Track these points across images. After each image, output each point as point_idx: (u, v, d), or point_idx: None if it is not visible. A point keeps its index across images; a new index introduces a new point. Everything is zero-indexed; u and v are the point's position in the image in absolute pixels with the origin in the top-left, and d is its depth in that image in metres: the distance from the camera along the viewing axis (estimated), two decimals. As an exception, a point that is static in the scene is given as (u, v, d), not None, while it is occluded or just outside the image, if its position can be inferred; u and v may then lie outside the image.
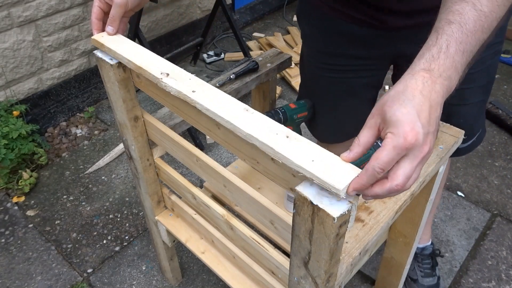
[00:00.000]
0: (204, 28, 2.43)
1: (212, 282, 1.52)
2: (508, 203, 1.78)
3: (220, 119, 0.66)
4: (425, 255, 1.48)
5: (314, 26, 1.13)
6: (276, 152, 0.59)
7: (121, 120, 0.96)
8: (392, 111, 0.55)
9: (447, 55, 0.58)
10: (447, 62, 0.58)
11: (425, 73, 0.57)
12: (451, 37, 0.59)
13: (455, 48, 0.59)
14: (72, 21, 2.02)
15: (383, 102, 0.57)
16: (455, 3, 0.61)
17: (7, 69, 1.89)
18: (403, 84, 0.57)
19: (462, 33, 0.59)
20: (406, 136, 0.53)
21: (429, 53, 0.59)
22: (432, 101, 0.56)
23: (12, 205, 1.78)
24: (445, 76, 0.57)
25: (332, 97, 1.21)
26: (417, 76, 0.57)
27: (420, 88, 0.56)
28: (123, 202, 1.80)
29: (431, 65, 0.58)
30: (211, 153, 2.03)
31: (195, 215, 1.09)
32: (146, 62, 0.78)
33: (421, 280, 1.46)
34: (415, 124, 0.53)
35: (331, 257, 0.63)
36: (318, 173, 0.55)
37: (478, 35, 0.60)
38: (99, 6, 0.84)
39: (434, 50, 0.59)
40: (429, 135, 0.55)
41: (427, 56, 0.59)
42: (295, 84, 2.38)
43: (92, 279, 1.53)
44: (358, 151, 0.57)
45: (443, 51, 0.58)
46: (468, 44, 0.59)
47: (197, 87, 0.71)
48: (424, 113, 0.55)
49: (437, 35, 0.60)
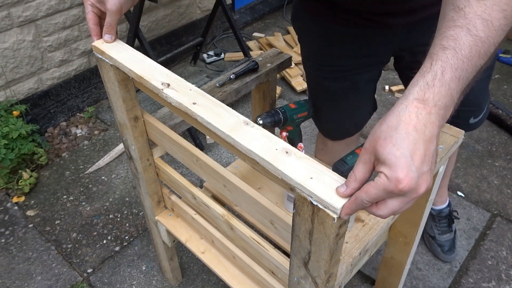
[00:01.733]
0: (204, 28, 2.43)
1: (212, 282, 1.52)
2: (508, 203, 1.78)
3: (220, 133, 0.66)
4: (441, 217, 1.57)
5: (312, 30, 1.14)
6: (276, 169, 0.60)
7: (121, 120, 0.96)
8: (386, 152, 0.53)
9: (442, 82, 0.55)
10: (443, 90, 0.55)
11: (419, 103, 0.54)
12: (446, 63, 0.56)
13: (451, 75, 0.56)
14: (72, 21, 2.02)
15: (375, 138, 0.55)
16: (449, 28, 0.59)
17: (7, 69, 1.89)
18: (396, 117, 0.54)
19: (458, 59, 0.56)
20: (399, 183, 0.52)
21: (424, 81, 0.56)
22: (427, 135, 0.53)
23: (12, 205, 1.78)
24: (440, 105, 0.55)
25: (336, 95, 1.23)
26: (411, 107, 0.54)
27: (414, 122, 0.53)
28: (123, 202, 1.80)
29: (426, 94, 0.55)
30: (211, 153, 2.03)
31: (195, 215, 1.09)
32: (146, 71, 0.78)
33: (438, 237, 1.56)
34: (409, 169, 0.52)
35: (331, 257, 0.63)
36: (317, 191, 0.56)
37: (474, 61, 0.58)
38: (94, 12, 0.84)
39: (428, 77, 0.56)
40: (424, 176, 0.53)
41: (421, 83, 0.56)
42: (295, 84, 2.38)
43: (92, 279, 1.53)
44: (355, 187, 0.56)
45: (438, 78, 0.55)
46: (464, 70, 0.57)
47: (198, 98, 0.72)
48: (418, 153, 0.52)
49: (432, 61, 0.57)
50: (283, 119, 1.14)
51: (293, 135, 1.19)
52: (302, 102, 1.21)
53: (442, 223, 1.56)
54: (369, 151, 0.56)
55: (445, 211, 1.57)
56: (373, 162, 0.56)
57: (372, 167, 0.56)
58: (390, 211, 0.55)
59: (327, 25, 1.09)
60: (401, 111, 0.55)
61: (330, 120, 1.33)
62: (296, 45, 2.69)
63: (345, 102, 1.24)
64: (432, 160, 0.55)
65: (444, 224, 1.56)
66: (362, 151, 0.57)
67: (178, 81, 0.76)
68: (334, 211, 0.55)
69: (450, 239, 1.56)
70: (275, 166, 0.60)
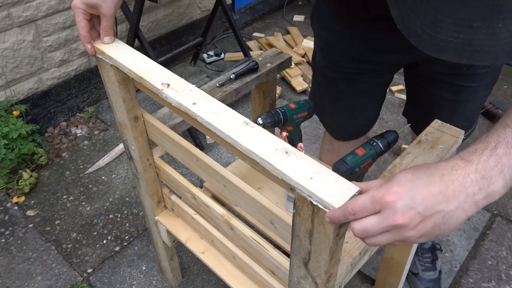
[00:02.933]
0: (204, 28, 2.43)
1: (212, 282, 1.52)
2: (508, 203, 1.78)
3: (220, 133, 0.66)
4: (424, 249, 1.50)
5: (333, 31, 1.12)
6: (276, 169, 0.60)
7: (121, 120, 0.96)
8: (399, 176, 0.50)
9: (492, 152, 0.50)
10: (491, 160, 0.50)
11: (460, 161, 0.49)
12: (503, 138, 0.52)
13: (505, 150, 0.51)
14: (72, 21, 2.02)
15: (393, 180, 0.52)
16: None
17: (7, 69, 1.89)
18: (429, 164, 0.51)
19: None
20: (395, 216, 0.49)
21: (474, 147, 0.52)
22: (449, 191, 0.48)
23: (12, 205, 1.78)
24: (484, 175, 0.49)
25: (347, 97, 1.22)
26: (451, 161, 0.50)
27: (445, 172, 0.48)
28: (123, 202, 1.80)
29: (470, 156, 0.50)
30: (211, 153, 2.03)
31: (195, 215, 1.09)
32: (146, 72, 0.78)
33: (421, 274, 1.47)
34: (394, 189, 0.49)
35: (331, 257, 0.63)
36: (316, 191, 0.56)
37: None
38: (86, 19, 0.82)
39: (479, 145, 0.52)
40: (426, 222, 0.49)
41: (471, 149, 0.52)
42: (295, 84, 2.38)
43: (92, 279, 1.53)
44: (346, 219, 0.53)
45: (489, 148, 0.51)
46: None
47: (198, 99, 0.72)
48: (424, 191, 0.48)
49: (489, 134, 0.54)
50: (283, 119, 1.14)
51: (293, 135, 1.19)
52: (302, 102, 1.21)
53: (425, 258, 1.49)
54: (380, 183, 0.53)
55: (428, 243, 1.50)
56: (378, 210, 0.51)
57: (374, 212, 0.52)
58: (361, 226, 0.52)
59: (351, 26, 1.06)
60: (440, 162, 0.51)
61: (335, 121, 1.33)
62: (296, 45, 2.69)
63: (352, 104, 1.23)
64: (432, 219, 0.49)
65: (428, 259, 1.49)
66: (374, 189, 0.52)
67: (178, 81, 0.76)
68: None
69: (434, 278, 1.47)
70: (275, 166, 0.60)
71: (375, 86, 1.19)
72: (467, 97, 1.09)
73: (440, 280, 1.47)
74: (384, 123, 2.17)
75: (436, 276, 1.47)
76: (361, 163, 0.98)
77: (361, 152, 0.99)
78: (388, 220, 0.50)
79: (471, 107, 1.14)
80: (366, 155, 0.98)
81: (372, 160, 1.01)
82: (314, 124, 2.16)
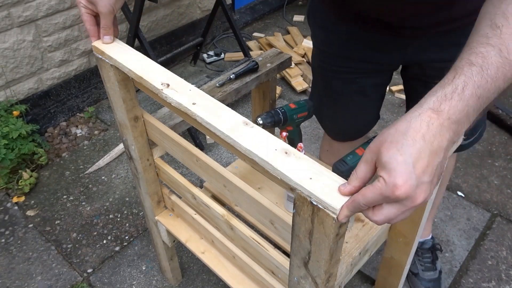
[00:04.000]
0: (204, 28, 2.43)
1: (212, 282, 1.52)
2: (508, 203, 1.78)
3: (220, 133, 0.67)
4: (424, 249, 1.49)
5: (328, 31, 1.12)
6: (275, 169, 0.60)
7: (121, 120, 0.96)
8: (388, 156, 0.52)
9: (461, 97, 0.54)
10: (460, 105, 0.54)
11: (432, 113, 0.53)
12: (470, 79, 0.55)
13: (471, 92, 0.54)
14: (72, 21, 2.02)
15: (381, 140, 0.54)
16: (481, 45, 0.57)
17: (7, 69, 1.89)
18: (407, 123, 0.54)
19: (482, 78, 0.55)
20: (396, 189, 0.51)
21: (442, 92, 0.54)
22: (435, 146, 0.52)
23: (12, 205, 1.78)
24: (454, 120, 0.53)
25: (343, 97, 1.22)
26: (424, 115, 0.53)
27: (423, 131, 0.52)
28: (123, 202, 1.80)
29: (441, 105, 0.53)
30: (211, 153, 2.03)
31: (195, 215, 1.09)
32: (146, 72, 0.78)
33: (422, 274, 1.47)
34: (409, 176, 0.51)
35: (331, 257, 0.63)
36: (316, 192, 0.56)
37: (498, 83, 0.56)
38: (88, 13, 0.83)
39: (448, 89, 0.55)
40: (423, 186, 0.52)
41: (439, 94, 0.54)
42: (295, 84, 2.38)
43: (92, 279, 1.53)
44: (356, 185, 0.56)
45: (457, 92, 0.54)
46: (486, 90, 0.55)
47: (198, 99, 0.72)
48: (421, 162, 0.51)
49: (455, 74, 0.56)
50: (283, 119, 1.14)
51: (293, 135, 1.19)
52: (302, 102, 1.21)
53: (425, 258, 1.48)
54: (373, 152, 0.55)
55: (428, 243, 1.50)
56: (375, 162, 0.55)
57: (374, 167, 0.55)
58: (384, 218, 0.54)
59: (343, 27, 1.07)
60: (413, 118, 0.54)
61: (332, 121, 1.33)
62: (296, 45, 2.69)
63: (350, 104, 1.23)
64: (435, 173, 0.53)
65: (428, 259, 1.48)
66: (366, 150, 0.56)
67: (178, 81, 0.76)
68: (334, 211, 0.55)
69: (434, 278, 1.46)
70: (274, 166, 0.60)
71: (371, 86, 1.19)
72: None
73: (440, 280, 1.47)
74: (384, 123, 2.17)
75: (436, 276, 1.47)
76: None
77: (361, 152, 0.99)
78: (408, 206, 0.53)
79: None
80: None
81: None
82: (314, 124, 2.16)
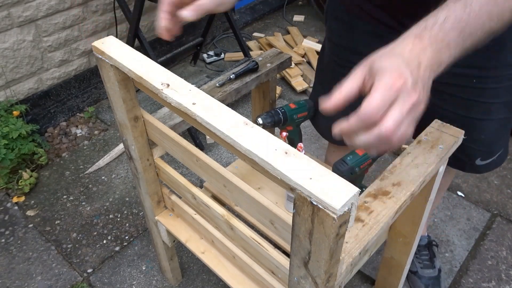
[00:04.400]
0: (204, 28, 2.43)
1: (212, 282, 1.52)
2: (508, 203, 1.78)
3: (220, 133, 0.67)
4: (421, 246, 1.50)
5: (340, 21, 1.09)
6: (275, 169, 0.60)
7: (121, 120, 0.96)
8: (380, 61, 0.55)
9: (441, 28, 0.56)
10: (440, 35, 0.56)
11: (415, 38, 0.56)
12: (451, 13, 0.57)
13: (452, 25, 0.56)
14: (72, 21, 2.02)
15: (372, 58, 0.57)
16: None
17: (7, 69, 1.89)
18: (393, 44, 0.57)
19: (464, 12, 0.57)
20: (394, 81, 0.52)
21: (425, 23, 0.57)
22: (422, 60, 0.54)
23: (12, 205, 1.78)
24: (435, 48, 0.56)
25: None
26: (407, 39, 0.56)
27: (409, 47, 0.55)
28: (123, 202, 1.80)
29: (422, 33, 0.56)
30: (211, 153, 2.03)
31: (195, 215, 1.09)
32: (146, 72, 0.78)
33: (421, 272, 1.47)
34: (403, 70, 0.53)
35: (331, 257, 0.63)
36: (316, 192, 0.56)
37: (483, 19, 0.57)
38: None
39: (430, 21, 0.57)
40: (418, 83, 0.53)
41: (421, 25, 0.57)
42: (295, 84, 2.38)
43: (92, 279, 1.53)
44: (339, 98, 0.56)
45: (438, 23, 0.56)
46: (468, 25, 0.57)
47: (197, 99, 0.72)
48: (413, 64, 0.54)
49: (439, 9, 0.58)
50: (283, 119, 1.14)
51: (293, 135, 1.19)
52: (302, 102, 1.21)
53: (423, 255, 1.48)
54: (363, 65, 0.57)
55: (424, 240, 1.50)
56: (364, 77, 0.56)
57: (361, 82, 0.56)
58: (393, 120, 0.52)
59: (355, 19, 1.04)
60: (398, 41, 0.57)
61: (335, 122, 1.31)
62: (296, 45, 2.69)
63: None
64: (426, 79, 0.55)
65: (425, 256, 1.49)
66: (356, 68, 0.58)
67: (178, 81, 0.76)
68: (334, 211, 0.55)
69: (434, 276, 1.46)
70: (274, 166, 0.60)
71: None
72: (480, 115, 1.02)
73: (440, 279, 1.47)
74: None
75: (436, 274, 1.47)
76: (361, 163, 0.98)
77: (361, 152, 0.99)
78: (408, 101, 0.53)
79: (487, 129, 1.05)
80: (366, 155, 0.99)
81: (372, 160, 1.01)
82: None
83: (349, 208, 0.57)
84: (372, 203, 0.88)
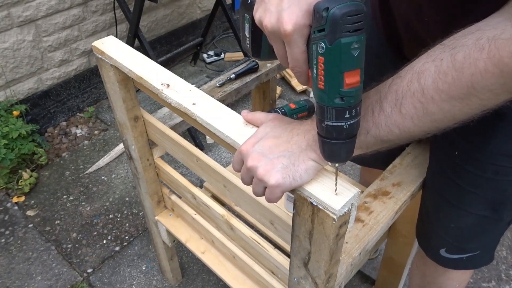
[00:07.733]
0: (204, 28, 2.43)
1: (212, 282, 1.52)
2: (508, 203, 1.78)
3: (220, 133, 0.67)
4: None
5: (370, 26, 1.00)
6: None
7: (121, 120, 0.96)
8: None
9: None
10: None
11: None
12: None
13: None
14: (72, 21, 2.02)
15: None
16: (396, 77, 0.56)
17: (7, 69, 1.89)
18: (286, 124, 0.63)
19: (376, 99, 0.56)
20: (247, 164, 0.59)
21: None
22: (294, 141, 0.58)
23: (12, 205, 1.78)
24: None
25: None
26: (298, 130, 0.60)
27: (294, 126, 0.61)
28: (123, 202, 1.80)
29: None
30: (211, 153, 2.03)
31: (195, 215, 1.09)
32: (146, 72, 0.78)
33: None
34: (250, 140, 0.60)
35: (331, 258, 0.63)
36: (316, 192, 0.56)
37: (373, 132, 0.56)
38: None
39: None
40: (261, 158, 0.58)
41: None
42: (295, 84, 2.38)
43: (92, 279, 1.53)
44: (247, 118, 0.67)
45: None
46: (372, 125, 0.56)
47: (197, 99, 0.72)
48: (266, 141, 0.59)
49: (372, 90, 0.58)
50: (283, 119, 1.14)
51: (293, 135, 1.19)
52: (302, 102, 1.21)
53: None
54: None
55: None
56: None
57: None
58: (235, 161, 0.63)
59: (384, 46, 0.92)
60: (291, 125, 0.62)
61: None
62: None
63: None
64: (284, 161, 0.58)
65: None
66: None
67: (178, 81, 0.76)
68: (334, 212, 0.55)
69: None
70: None
71: None
72: (455, 200, 0.86)
73: None
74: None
75: None
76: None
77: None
78: (246, 164, 0.59)
79: (458, 220, 0.88)
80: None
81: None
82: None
83: (349, 208, 0.57)
84: (372, 203, 0.88)
